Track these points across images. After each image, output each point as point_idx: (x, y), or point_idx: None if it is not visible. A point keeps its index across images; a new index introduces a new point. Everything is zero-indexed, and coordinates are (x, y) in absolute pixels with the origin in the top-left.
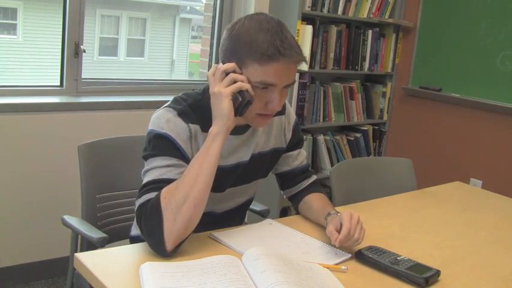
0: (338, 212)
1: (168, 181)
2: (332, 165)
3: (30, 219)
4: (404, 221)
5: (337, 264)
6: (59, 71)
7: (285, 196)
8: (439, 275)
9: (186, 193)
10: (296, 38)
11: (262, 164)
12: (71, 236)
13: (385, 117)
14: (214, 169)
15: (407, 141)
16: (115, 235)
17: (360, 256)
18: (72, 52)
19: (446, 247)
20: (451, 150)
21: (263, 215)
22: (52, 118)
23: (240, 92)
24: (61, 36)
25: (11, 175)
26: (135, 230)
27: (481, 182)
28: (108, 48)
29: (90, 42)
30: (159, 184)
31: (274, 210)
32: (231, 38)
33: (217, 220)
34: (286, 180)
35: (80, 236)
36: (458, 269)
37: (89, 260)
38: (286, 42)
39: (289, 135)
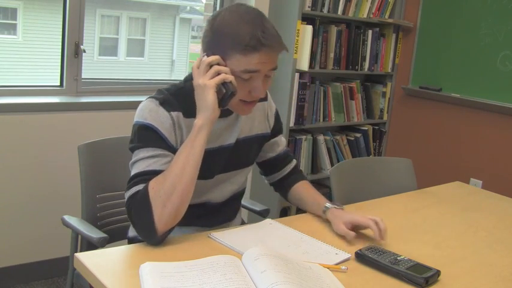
0: (335, 205)
1: (155, 172)
2: (332, 165)
3: (30, 219)
4: (404, 221)
5: (337, 264)
6: (59, 71)
7: (267, 181)
8: (439, 275)
9: (173, 184)
10: (296, 38)
11: (249, 149)
12: (71, 236)
13: (385, 117)
14: (199, 160)
15: (407, 141)
16: (115, 235)
17: (360, 256)
18: (72, 52)
19: (446, 247)
20: (451, 150)
21: (263, 215)
22: (52, 118)
23: (224, 83)
24: (61, 36)
25: (10, 175)
26: (132, 231)
27: (481, 182)
28: (108, 48)
29: (90, 42)
30: (146, 176)
31: (274, 210)
32: (213, 30)
33: (212, 211)
34: (270, 166)
35: (80, 236)
36: (458, 269)
37: (89, 260)
38: (268, 33)
39: (272, 121)
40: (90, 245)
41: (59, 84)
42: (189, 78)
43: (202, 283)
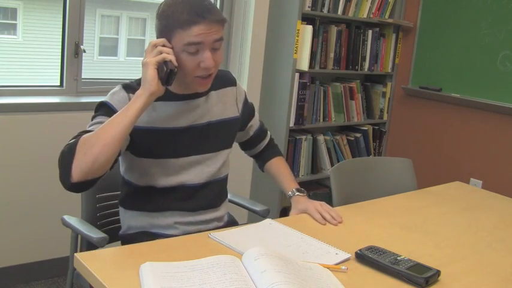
0: (298, 193)
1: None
2: (332, 165)
3: (30, 219)
4: (404, 221)
5: (337, 264)
6: (59, 71)
7: (246, 153)
8: (439, 275)
9: (99, 137)
10: (296, 38)
11: (222, 131)
12: (70, 236)
13: (385, 117)
14: (129, 123)
15: (407, 141)
16: (115, 235)
17: (360, 256)
18: (72, 52)
19: (446, 247)
20: (451, 150)
21: (263, 215)
22: (52, 118)
23: (165, 62)
24: (61, 36)
25: (10, 175)
26: (122, 230)
27: (481, 182)
28: (108, 48)
29: (90, 42)
30: (84, 133)
31: (274, 210)
32: (158, 17)
33: (192, 193)
34: (246, 144)
35: (80, 236)
36: (458, 269)
37: (89, 260)
38: (204, 7)
39: (240, 106)
40: (90, 245)
41: (59, 84)
42: None
43: (202, 283)
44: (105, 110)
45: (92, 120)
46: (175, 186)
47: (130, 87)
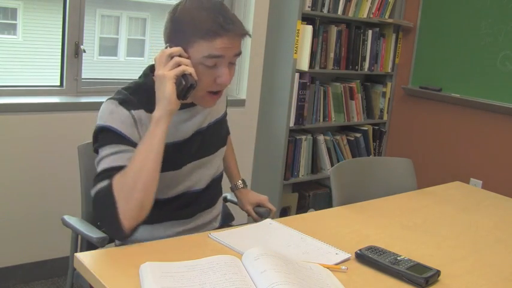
0: (243, 186)
1: (119, 168)
2: (332, 165)
3: (30, 219)
4: (404, 221)
5: (337, 264)
6: (59, 71)
7: None
8: (439, 275)
9: (134, 180)
10: (296, 38)
11: (220, 130)
12: (71, 236)
13: (385, 117)
14: (159, 153)
15: (407, 141)
16: None
17: (360, 256)
18: (72, 52)
19: (446, 247)
20: (451, 150)
21: (263, 215)
22: (52, 118)
23: (184, 75)
24: (61, 36)
25: (11, 175)
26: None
27: (481, 182)
28: (108, 48)
29: (90, 42)
30: (110, 172)
31: None
32: (174, 20)
33: (195, 199)
34: None
35: (79, 236)
36: (458, 269)
37: (89, 260)
38: (228, 18)
39: (225, 100)
40: (90, 245)
41: (59, 84)
42: (148, 73)
43: (202, 283)
44: (111, 137)
45: (99, 151)
46: (176, 196)
47: (127, 101)
